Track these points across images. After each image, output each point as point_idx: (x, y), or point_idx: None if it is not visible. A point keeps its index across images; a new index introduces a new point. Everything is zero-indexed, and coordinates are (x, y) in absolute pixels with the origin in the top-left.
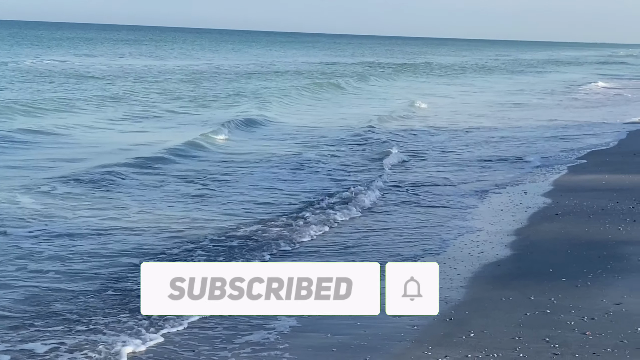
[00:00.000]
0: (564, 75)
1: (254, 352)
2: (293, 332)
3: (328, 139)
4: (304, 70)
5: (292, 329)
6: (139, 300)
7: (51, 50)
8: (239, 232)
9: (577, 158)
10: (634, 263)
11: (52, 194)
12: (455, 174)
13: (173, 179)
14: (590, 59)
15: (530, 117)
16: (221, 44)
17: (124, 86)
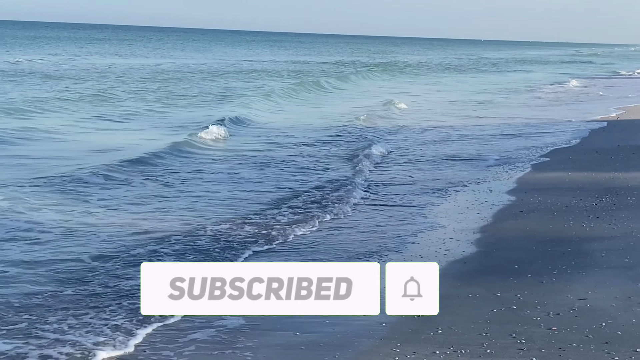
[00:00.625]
0: (530, 74)
1: (220, 352)
2: (261, 330)
3: (304, 138)
4: (276, 70)
5: (260, 327)
6: (100, 301)
7: (13, 49)
8: (211, 232)
9: (540, 156)
10: (597, 259)
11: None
12: (419, 172)
13: (152, 179)
14: (554, 58)
15: (493, 115)
16: (186, 43)
17: (94, 85)
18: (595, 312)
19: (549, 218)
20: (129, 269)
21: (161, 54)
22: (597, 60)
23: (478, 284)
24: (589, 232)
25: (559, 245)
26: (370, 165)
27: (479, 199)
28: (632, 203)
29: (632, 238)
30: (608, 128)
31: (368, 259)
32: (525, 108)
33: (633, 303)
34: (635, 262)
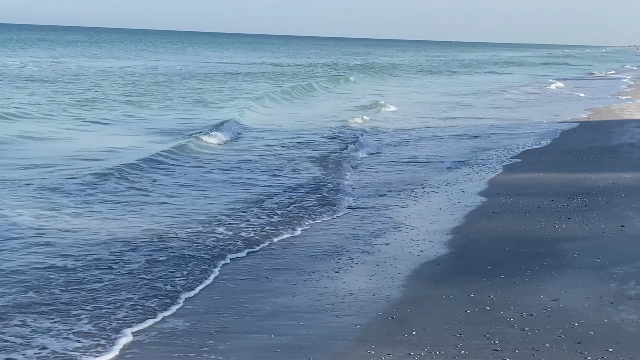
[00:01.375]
0: (506, 76)
1: (196, 355)
2: (236, 334)
3: (290, 140)
4: (261, 72)
5: (235, 330)
6: (68, 308)
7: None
8: (197, 235)
9: (511, 157)
10: (569, 259)
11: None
12: (393, 174)
13: (144, 186)
14: (530, 59)
15: (464, 116)
16: (158, 45)
17: (81, 89)
18: (567, 312)
19: (522, 219)
20: (97, 274)
21: (141, 56)
22: (572, 62)
23: (452, 285)
24: (561, 232)
25: (532, 246)
26: (348, 168)
27: (451, 200)
28: (603, 204)
29: (604, 238)
30: (579, 129)
31: (340, 262)
32: (497, 109)
33: (605, 303)
34: (606, 262)
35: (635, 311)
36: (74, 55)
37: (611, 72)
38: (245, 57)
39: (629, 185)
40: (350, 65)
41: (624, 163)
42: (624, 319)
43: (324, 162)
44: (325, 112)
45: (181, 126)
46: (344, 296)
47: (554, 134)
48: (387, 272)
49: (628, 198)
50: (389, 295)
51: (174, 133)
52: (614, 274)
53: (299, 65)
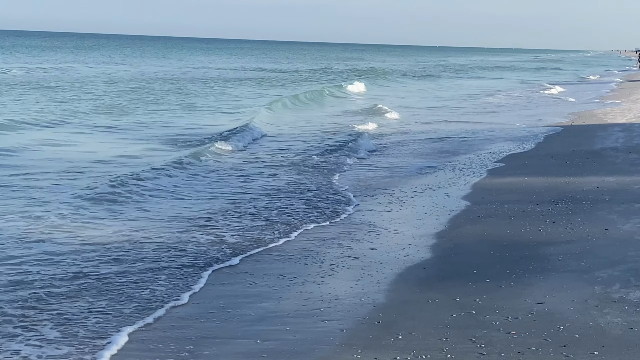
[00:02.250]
0: (500, 81)
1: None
2: (222, 339)
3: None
4: (258, 78)
5: (221, 335)
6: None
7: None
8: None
9: (496, 161)
10: (554, 263)
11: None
12: (377, 179)
13: (141, 194)
14: (520, 64)
15: (453, 120)
16: (146, 50)
17: (95, 95)
18: (553, 315)
19: (507, 223)
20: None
21: (127, 62)
22: (564, 67)
23: (437, 289)
24: (546, 236)
25: (517, 249)
26: (340, 172)
27: (436, 205)
28: (587, 207)
29: (588, 242)
30: (563, 133)
31: (326, 267)
32: (477, 114)
33: (590, 306)
34: (591, 265)
35: (620, 314)
36: (71, 61)
37: (597, 77)
38: (235, 63)
39: (613, 189)
40: (346, 71)
41: (607, 167)
42: (608, 322)
43: (317, 167)
44: (332, 119)
45: (197, 132)
46: (330, 301)
47: (538, 138)
48: (373, 276)
49: (612, 202)
50: (375, 299)
51: (187, 140)
52: (599, 278)
53: (297, 71)
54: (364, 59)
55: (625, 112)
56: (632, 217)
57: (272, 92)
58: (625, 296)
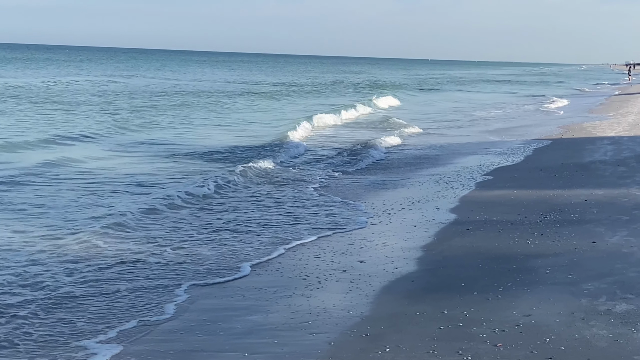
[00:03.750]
0: (507, 95)
1: None
2: (210, 352)
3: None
4: (288, 91)
5: (209, 349)
6: None
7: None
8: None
9: (484, 174)
10: (541, 275)
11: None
12: (360, 192)
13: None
14: (518, 78)
15: (444, 134)
16: (139, 62)
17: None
18: (539, 328)
19: (495, 235)
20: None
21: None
22: (562, 80)
23: (425, 302)
24: (534, 249)
25: (505, 262)
26: (317, 187)
27: (426, 217)
28: (575, 220)
29: (575, 255)
30: (552, 146)
31: (315, 280)
32: (471, 128)
33: (576, 319)
34: (578, 278)
35: (606, 326)
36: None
37: (596, 89)
38: (246, 77)
39: (601, 201)
40: (359, 84)
41: (596, 180)
42: (594, 335)
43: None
44: (364, 132)
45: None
46: (318, 314)
47: (527, 151)
48: (362, 289)
49: (600, 214)
50: (363, 312)
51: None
52: (585, 290)
53: (315, 84)
54: (366, 72)
55: (614, 125)
56: (619, 230)
57: (305, 104)
58: (611, 309)
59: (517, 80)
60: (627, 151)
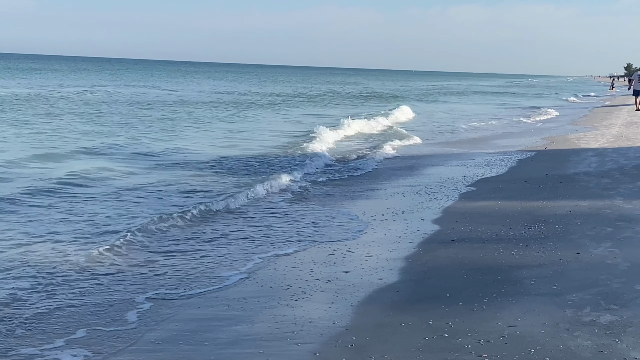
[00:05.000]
0: (496, 106)
1: None
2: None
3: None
4: (295, 100)
5: (193, 358)
6: None
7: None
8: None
9: (467, 185)
10: (526, 286)
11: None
12: (344, 202)
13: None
14: (517, 90)
15: (421, 143)
16: (119, 72)
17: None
18: (524, 338)
19: (480, 246)
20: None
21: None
22: (553, 91)
23: (410, 313)
24: (519, 260)
25: (490, 273)
26: (302, 196)
27: (411, 228)
28: (560, 231)
29: (560, 266)
30: (536, 157)
31: (300, 290)
32: (450, 139)
33: (560, 329)
34: (562, 289)
35: (590, 337)
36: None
37: (582, 100)
38: (240, 87)
39: (585, 213)
40: (357, 95)
41: (580, 191)
42: (579, 345)
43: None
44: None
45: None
46: (303, 324)
47: (510, 162)
48: (347, 299)
49: (584, 226)
50: (348, 322)
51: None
52: (570, 301)
53: (312, 95)
54: (360, 83)
55: (598, 137)
56: (603, 241)
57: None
58: (595, 319)
59: (510, 92)
60: (611, 163)
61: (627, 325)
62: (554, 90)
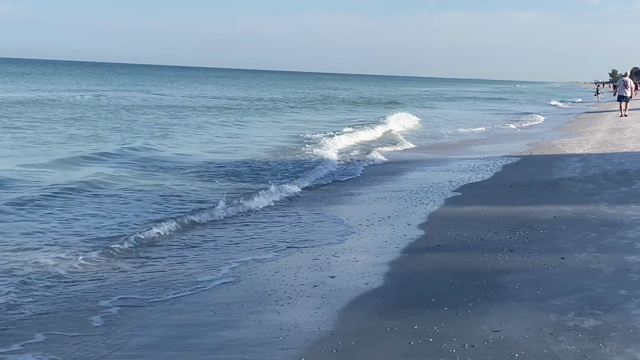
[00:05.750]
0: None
1: None
2: None
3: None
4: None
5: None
6: None
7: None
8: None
9: (453, 191)
10: (511, 291)
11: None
12: (331, 207)
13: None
14: (512, 95)
15: (412, 148)
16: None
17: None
18: (509, 343)
19: (465, 251)
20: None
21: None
22: (547, 98)
23: (396, 317)
24: (504, 265)
25: (475, 278)
26: (290, 200)
27: (397, 233)
28: (545, 236)
29: (544, 270)
30: (522, 163)
31: (286, 295)
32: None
33: (545, 334)
34: (547, 294)
35: (574, 342)
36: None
37: (569, 105)
38: (236, 93)
39: (570, 218)
40: (351, 100)
41: (565, 197)
42: (562, 350)
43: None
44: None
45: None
46: (289, 329)
47: (496, 167)
48: (333, 304)
49: (568, 231)
50: (334, 327)
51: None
52: (554, 306)
53: (311, 100)
54: (351, 88)
55: (582, 142)
56: (587, 246)
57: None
58: (579, 324)
59: (498, 98)
60: (595, 168)
61: (611, 330)
62: (544, 96)
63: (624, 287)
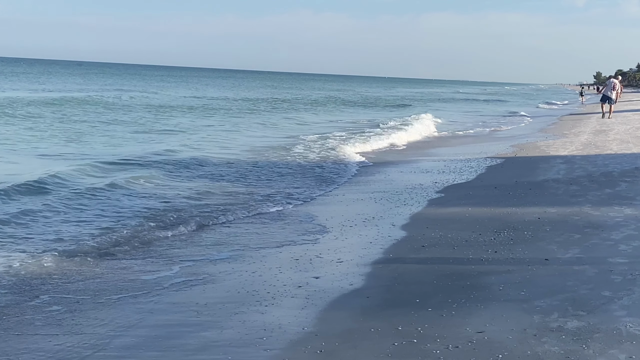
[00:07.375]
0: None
1: None
2: None
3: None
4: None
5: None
6: None
7: None
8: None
9: (436, 192)
10: (495, 292)
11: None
12: (315, 207)
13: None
14: (501, 97)
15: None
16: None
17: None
18: (492, 344)
19: (450, 252)
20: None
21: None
22: (539, 98)
23: (380, 318)
24: (487, 266)
25: (459, 279)
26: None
27: (382, 234)
28: (529, 237)
29: (528, 272)
30: (506, 164)
31: (270, 296)
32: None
33: (528, 335)
34: (530, 295)
35: (557, 343)
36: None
37: (556, 106)
38: (240, 93)
39: (554, 219)
40: (357, 101)
41: (549, 198)
42: (546, 351)
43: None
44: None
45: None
46: (272, 330)
47: (479, 169)
48: (317, 305)
49: (552, 232)
50: (318, 328)
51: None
52: (538, 307)
53: (310, 100)
54: (344, 89)
55: (567, 144)
56: (571, 248)
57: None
58: (563, 325)
59: (484, 100)
60: (579, 170)
61: (594, 332)
62: (533, 97)
63: (607, 288)
